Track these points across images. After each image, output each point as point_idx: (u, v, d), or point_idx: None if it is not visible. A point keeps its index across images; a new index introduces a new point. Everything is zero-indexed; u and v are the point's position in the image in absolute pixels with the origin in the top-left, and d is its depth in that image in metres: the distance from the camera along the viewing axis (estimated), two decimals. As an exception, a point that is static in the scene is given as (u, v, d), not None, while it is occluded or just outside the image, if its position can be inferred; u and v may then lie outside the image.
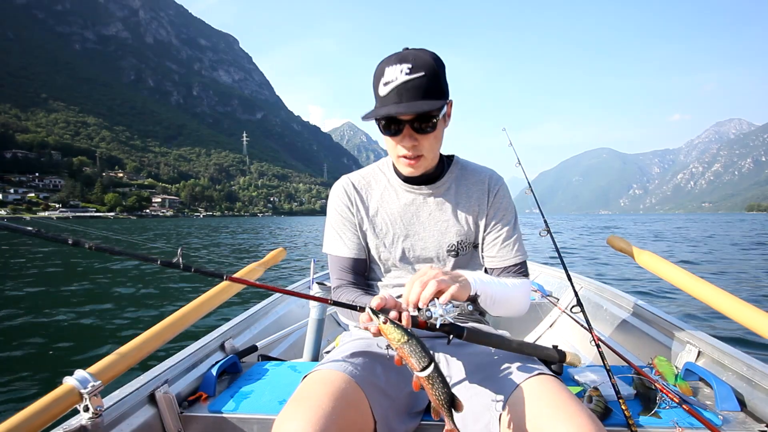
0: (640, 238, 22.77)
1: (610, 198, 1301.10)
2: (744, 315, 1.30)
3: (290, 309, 2.42)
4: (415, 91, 1.02)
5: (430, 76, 1.03)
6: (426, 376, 0.80)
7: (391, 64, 1.04)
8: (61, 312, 5.67)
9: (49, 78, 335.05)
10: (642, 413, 1.20)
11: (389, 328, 0.82)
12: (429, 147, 1.12)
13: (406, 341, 0.81)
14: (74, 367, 1.04)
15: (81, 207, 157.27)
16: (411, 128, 1.07)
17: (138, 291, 7.31)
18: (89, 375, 1.03)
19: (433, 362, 0.81)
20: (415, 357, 0.80)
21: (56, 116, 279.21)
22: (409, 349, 0.80)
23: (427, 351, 0.82)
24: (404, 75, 1.02)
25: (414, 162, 1.12)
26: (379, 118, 1.08)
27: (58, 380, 1.01)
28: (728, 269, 9.92)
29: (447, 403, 0.80)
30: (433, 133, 1.09)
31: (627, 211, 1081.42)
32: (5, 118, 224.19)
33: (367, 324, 0.88)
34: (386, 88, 1.03)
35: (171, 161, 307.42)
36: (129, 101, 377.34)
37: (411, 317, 0.91)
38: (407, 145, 1.09)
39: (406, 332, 0.82)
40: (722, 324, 4.59)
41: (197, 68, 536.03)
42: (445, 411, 0.80)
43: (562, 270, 1.73)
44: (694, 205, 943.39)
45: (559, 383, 0.94)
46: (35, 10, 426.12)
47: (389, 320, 0.84)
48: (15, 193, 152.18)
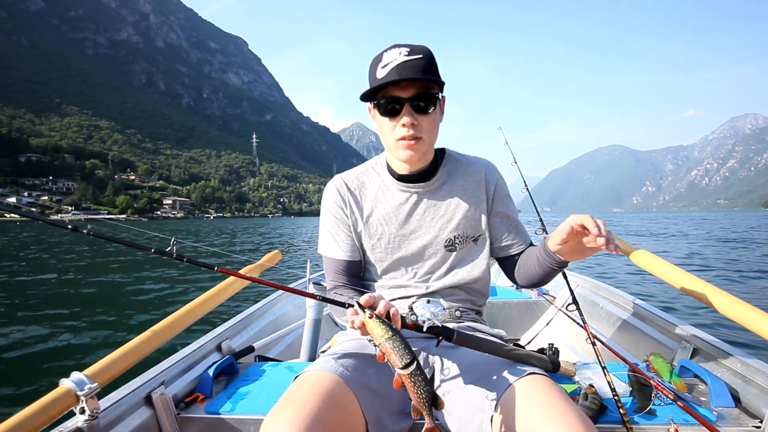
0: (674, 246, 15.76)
1: (622, 196, 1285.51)
2: (739, 312, 1.30)
3: (287, 310, 2.41)
4: (415, 69, 1.03)
5: (428, 59, 1.06)
6: (408, 373, 0.79)
7: (389, 50, 1.07)
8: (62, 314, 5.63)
9: (63, 83, 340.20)
10: (637, 410, 1.20)
11: (373, 323, 0.82)
12: (427, 129, 1.10)
13: (389, 337, 0.80)
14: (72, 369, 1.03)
15: (93, 209, 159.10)
16: (411, 107, 1.07)
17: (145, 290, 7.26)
18: (86, 377, 1.02)
19: (416, 360, 0.81)
20: (397, 353, 0.80)
21: (69, 120, 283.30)
22: (392, 345, 0.80)
23: (410, 348, 0.81)
24: (403, 56, 1.04)
25: (413, 143, 1.10)
26: (377, 100, 1.09)
27: (54, 382, 1.00)
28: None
29: (428, 402, 0.80)
30: (432, 114, 1.10)
31: (640, 209, 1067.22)
32: (20, 123, 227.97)
33: (353, 317, 0.87)
34: (385, 69, 1.05)
35: (182, 163, 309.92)
36: (140, 104, 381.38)
37: (401, 317, 0.91)
38: (407, 123, 1.07)
39: (390, 328, 0.82)
40: (717, 321, 4.56)
41: (207, 71, 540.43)
42: (426, 410, 0.80)
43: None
44: (708, 202, 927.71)
45: (551, 382, 0.94)
46: (49, 17, 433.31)
47: (375, 315, 0.83)
48: (29, 196, 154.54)
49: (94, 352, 4.05)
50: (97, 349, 4.15)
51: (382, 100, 1.08)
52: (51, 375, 3.51)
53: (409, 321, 0.94)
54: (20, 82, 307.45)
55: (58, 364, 3.82)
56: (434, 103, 1.09)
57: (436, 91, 1.09)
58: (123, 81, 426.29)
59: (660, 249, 14.34)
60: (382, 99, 1.08)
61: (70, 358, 4.00)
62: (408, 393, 0.82)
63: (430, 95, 1.07)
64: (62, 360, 3.93)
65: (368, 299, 0.89)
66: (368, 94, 1.10)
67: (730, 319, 1.32)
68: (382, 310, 0.88)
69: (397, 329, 0.83)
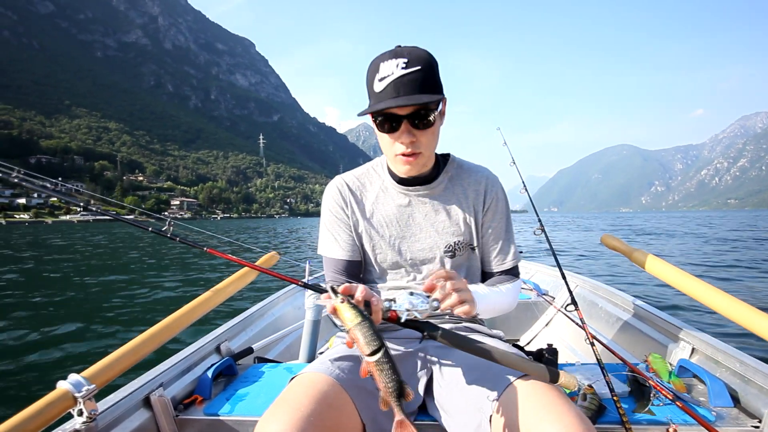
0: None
1: (630, 195, 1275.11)
2: (738, 313, 1.30)
3: (286, 311, 2.41)
4: (413, 84, 1.01)
5: (426, 70, 1.02)
6: (374, 361, 0.78)
7: (386, 59, 1.03)
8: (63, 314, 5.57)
9: (72, 85, 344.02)
10: (636, 410, 1.20)
11: (344, 307, 0.81)
12: (426, 143, 1.10)
13: (358, 323, 0.79)
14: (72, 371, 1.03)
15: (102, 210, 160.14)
16: (409, 124, 1.05)
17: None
18: (83, 379, 1.02)
19: (383, 348, 0.79)
20: (364, 340, 0.78)
21: (79, 122, 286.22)
22: (360, 331, 0.79)
23: (379, 336, 0.80)
24: (400, 69, 1.00)
25: (412, 159, 1.10)
26: (375, 115, 1.07)
27: (51, 384, 1.00)
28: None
29: (395, 392, 0.78)
30: (430, 128, 1.08)
31: (648, 209, 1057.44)
32: (30, 125, 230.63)
33: (327, 301, 0.85)
34: (382, 83, 1.02)
35: (189, 164, 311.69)
36: (149, 106, 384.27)
37: (382, 310, 0.91)
38: (405, 141, 1.06)
39: (360, 314, 0.80)
40: (716, 321, 4.54)
41: (215, 72, 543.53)
42: (394, 400, 0.78)
43: (558, 269, 1.76)
44: (719, 202, 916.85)
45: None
46: (59, 20, 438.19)
47: (347, 300, 0.82)
48: (38, 197, 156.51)
49: (93, 355, 3.98)
50: (97, 351, 4.09)
51: (380, 118, 1.06)
52: (48, 377, 3.47)
53: (383, 307, 0.93)
54: (30, 84, 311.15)
55: (56, 366, 3.76)
56: (434, 118, 1.06)
57: (436, 105, 1.06)
58: (132, 83, 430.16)
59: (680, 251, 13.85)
60: (380, 116, 1.06)
61: (68, 360, 3.93)
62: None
63: (429, 112, 1.04)
64: (60, 362, 3.86)
65: (346, 287, 0.87)
66: (367, 111, 1.07)
67: (729, 319, 1.32)
68: (359, 297, 0.87)
69: (368, 316, 0.82)
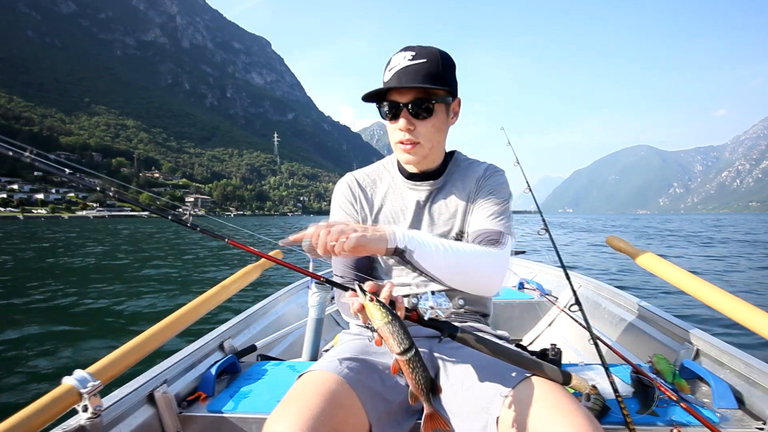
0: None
1: (648, 197, 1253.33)
2: (744, 315, 1.30)
3: (289, 309, 2.42)
4: (414, 74, 1.05)
5: (432, 63, 1.06)
6: (406, 359, 0.79)
7: (398, 53, 1.10)
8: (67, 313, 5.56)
9: (92, 83, 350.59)
10: (640, 411, 1.20)
11: (373, 306, 0.81)
12: (426, 135, 1.11)
13: (388, 321, 0.80)
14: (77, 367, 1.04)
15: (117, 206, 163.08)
16: (408, 112, 1.09)
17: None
18: (88, 375, 1.03)
19: (414, 346, 0.80)
20: (395, 338, 0.79)
21: (98, 119, 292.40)
22: (391, 329, 0.79)
23: (409, 334, 0.81)
24: (406, 61, 1.06)
25: (410, 148, 1.12)
26: (380, 103, 1.12)
27: (57, 379, 1.00)
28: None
29: (426, 387, 0.80)
30: (430, 119, 1.10)
31: (666, 211, 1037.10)
32: (51, 122, 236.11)
33: (352, 299, 0.86)
34: (389, 73, 1.09)
35: (205, 162, 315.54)
36: (166, 104, 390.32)
37: (405, 307, 0.91)
38: (403, 128, 1.10)
39: (390, 312, 0.81)
40: (722, 323, 4.52)
41: (231, 71, 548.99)
42: (424, 395, 0.81)
43: (561, 269, 1.75)
44: (740, 205, 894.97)
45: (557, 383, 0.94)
46: (80, 19, 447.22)
47: (375, 299, 0.82)
48: (56, 193, 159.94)
49: (98, 350, 4.02)
50: (102, 346, 4.13)
51: (384, 107, 1.11)
52: (54, 372, 3.51)
53: (409, 304, 0.94)
54: (52, 81, 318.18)
55: (60, 361, 3.79)
56: (434, 108, 1.10)
57: (438, 96, 1.09)
58: (150, 81, 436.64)
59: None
60: (383, 103, 1.11)
61: (73, 355, 3.96)
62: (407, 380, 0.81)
63: (429, 101, 1.08)
64: (65, 357, 3.89)
65: (373, 285, 0.86)
66: (370, 96, 1.12)
67: (735, 321, 1.32)
68: (386, 295, 0.86)
69: (396, 314, 0.82)
